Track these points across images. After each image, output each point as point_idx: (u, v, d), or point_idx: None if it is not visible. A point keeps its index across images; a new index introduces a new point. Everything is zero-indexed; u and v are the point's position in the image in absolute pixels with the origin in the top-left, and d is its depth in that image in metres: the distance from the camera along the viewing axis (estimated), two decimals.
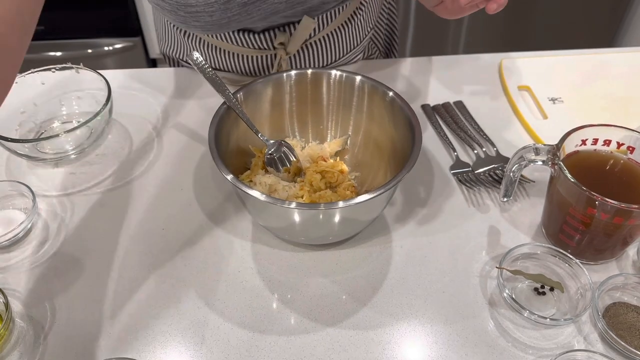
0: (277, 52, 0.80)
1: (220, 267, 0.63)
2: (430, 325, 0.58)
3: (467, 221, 0.68)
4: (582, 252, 0.62)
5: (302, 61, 0.83)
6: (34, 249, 0.65)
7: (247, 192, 0.55)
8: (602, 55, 0.93)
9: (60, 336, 0.57)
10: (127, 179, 0.73)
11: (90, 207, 0.70)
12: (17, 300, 0.60)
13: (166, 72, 0.90)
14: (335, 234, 0.62)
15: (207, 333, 0.57)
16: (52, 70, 0.78)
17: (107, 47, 1.87)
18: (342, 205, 0.55)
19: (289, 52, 0.80)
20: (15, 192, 0.69)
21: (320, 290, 0.61)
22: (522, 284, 0.61)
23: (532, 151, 0.61)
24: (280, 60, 0.80)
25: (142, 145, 0.78)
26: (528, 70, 0.89)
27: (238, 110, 0.65)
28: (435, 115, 0.82)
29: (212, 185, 0.72)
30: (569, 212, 0.59)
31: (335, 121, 0.73)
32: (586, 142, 0.62)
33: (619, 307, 0.58)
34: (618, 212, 0.55)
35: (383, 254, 0.65)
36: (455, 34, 1.89)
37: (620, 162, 0.62)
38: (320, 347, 0.56)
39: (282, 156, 0.68)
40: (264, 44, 0.79)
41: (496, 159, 0.75)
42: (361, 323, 0.58)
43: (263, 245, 0.65)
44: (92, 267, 0.63)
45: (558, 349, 0.56)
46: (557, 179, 0.60)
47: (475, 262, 0.64)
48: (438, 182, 0.73)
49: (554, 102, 0.83)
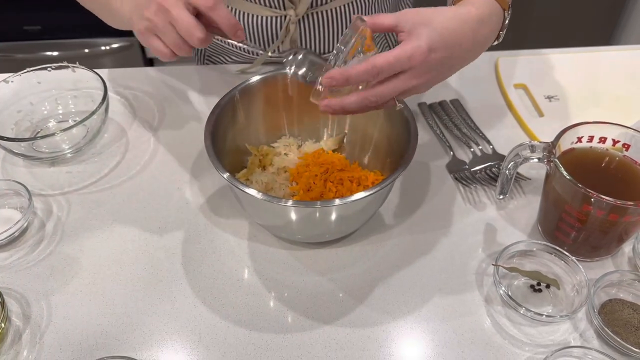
0: (287, 12, 0.80)
1: (217, 265, 0.63)
2: (427, 323, 0.58)
3: (464, 219, 0.68)
4: (578, 249, 0.62)
5: (311, 30, 0.83)
6: (30, 248, 0.65)
7: (244, 191, 0.55)
8: (599, 53, 0.93)
9: (56, 335, 0.57)
10: (123, 178, 0.73)
11: (87, 206, 0.69)
12: (13, 299, 0.60)
13: (162, 71, 0.90)
14: (331, 231, 0.62)
15: (203, 331, 0.57)
16: (48, 69, 0.78)
17: (104, 47, 1.87)
18: (338, 203, 0.55)
19: (298, 13, 0.80)
20: (11, 191, 0.68)
21: (317, 288, 0.61)
22: (519, 281, 0.61)
23: (528, 148, 0.61)
24: (288, 23, 0.81)
25: (138, 144, 0.78)
26: (524, 69, 0.89)
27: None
28: (432, 114, 0.82)
29: (209, 183, 0.72)
30: (564, 210, 0.59)
31: (331, 119, 0.73)
32: (582, 140, 0.62)
33: (615, 303, 0.58)
34: (614, 209, 0.55)
35: (379, 251, 0.65)
36: None
37: (616, 160, 0.62)
38: (317, 345, 0.56)
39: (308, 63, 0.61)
40: (274, 1, 0.80)
41: (492, 156, 0.75)
42: (358, 321, 0.58)
43: (260, 243, 0.65)
44: (88, 266, 0.63)
45: (554, 345, 0.56)
46: (553, 177, 0.60)
47: (472, 260, 0.64)
48: (434, 180, 0.73)
49: (550, 100, 0.84)
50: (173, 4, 0.56)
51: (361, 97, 0.53)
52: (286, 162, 0.70)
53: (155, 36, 0.60)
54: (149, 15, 0.58)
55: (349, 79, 0.51)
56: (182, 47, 0.59)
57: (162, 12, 0.57)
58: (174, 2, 0.56)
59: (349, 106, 0.53)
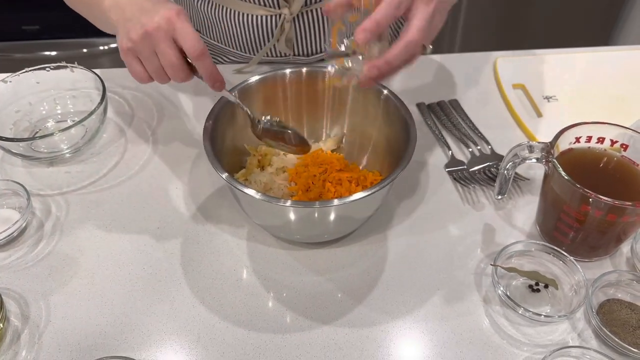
0: (282, 11, 0.80)
1: (216, 265, 0.63)
2: (425, 323, 0.58)
3: (462, 219, 0.68)
4: (576, 249, 0.62)
5: (306, 28, 0.83)
6: (29, 248, 0.65)
7: (243, 191, 0.55)
8: (597, 53, 0.93)
9: (55, 335, 0.57)
10: (122, 178, 0.73)
11: (85, 206, 0.69)
12: (11, 299, 0.60)
13: None
14: (330, 232, 0.62)
15: (202, 331, 0.57)
16: (46, 69, 0.78)
17: (103, 47, 1.86)
18: (337, 203, 0.55)
19: (292, 11, 0.80)
20: (10, 191, 0.68)
21: (316, 289, 0.61)
22: (517, 281, 0.61)
23: (526, 149, 0.61)
24: (283, 22, 0.81)
25: (137, 144, 0.78)
26: (523, 69, 0.89)
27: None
28: (430, 114, 0.82)
29: (207, 184, 0.72)
30: (563, 210, 0.59)
31: (330, 120, 0.74)
32: (580, 140, 0.62)
33: (613, 303, 0.58)
34: (612, 209, 0.55)
35: (378, 252, 0.65)
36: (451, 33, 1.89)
37: (614, 160, 0.62)
38: (316, 345, 0.56)
39: (278, 129, 0.66)
40: (269, 0, 0.80)
41: (491, 157, 0.75)
42: (356, 321, 0.58)
43: (258, 243, 0.65)
44: (87, 266, 0.63)
45: (552, 345, 0.56)
46: (551, 177, 0.60)
47: (470, 260, 0.64)
48: (433, 180, 0.73)
49: (549, 101, 0.84)
50: (162, 37, 0.56)
51: (402, 43, 0.53)
52: (285, 162, 0.70)
53: (137, 59, 0.60)
54: (135, 37, 0.57)
55: (378, 22, 0.52)
56: (163, 77, 0.60)
57: (148, 39, 0.57)
58: (163, 36, 0.56)
59: (395, 59, 0.53)
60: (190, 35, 0.56)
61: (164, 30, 0.56)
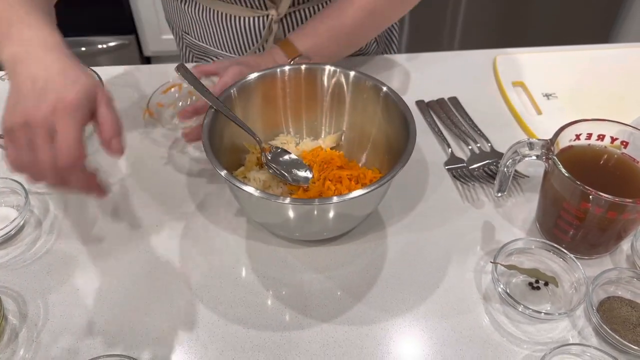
0: (269, 12, 0.80)
1: (215, 263, 0.63)
2: (425, 321, 0.58)
3: (462, 216, 0.68)
4: (576, 246, 0.62)
5: (294, 28, 0.83)
6: (27, 247, 0.64)
7: (241, 188, 0.55)
8: (597, 51, 0.93)
9: (53, 333, 0.57)
10: (120, 176, 0.73)
11: (83, 204, 0.69)
12: (9, 298, 0.59)
13: (159, 69, 0.89)
14: (329, 229, 0.62)
15: (201, 329, 0.57)
16: None
17: (101, 45, 1.87)
18: (336, 201, 0.55)
19: (280, 12, 0.80)
20: (8, 189, 0.68)
21: (315, 286, 0.61)
22: (517, 279, 0.61)
23: (526, 146, 0.61)
24: (271, 23, 0.80)
25: (135, 142, 0.77)
26: (522, 66, 0.89)
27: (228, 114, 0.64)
28: (430, 111, 0.82)
29: (206, 181, 0.72)
30: (563, 207, 0.59)
31: (329, 117, 0.73)
32: (580, 137, 0.62)
33: (613, 301, 0.58)
34: (612, 207, 0.55)
35: (377, 249, 0.64)
36: (450, 30, 1.89)
37: (614, 157, 0.62)
38: (315, 342, 0.56)
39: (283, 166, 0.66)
40: (255, 2, 0.79)
41: (490, 154, 0.75)
42: (356, 319, 0.58)
43: (257, 241, 0.65)
44: (85, 264, 0.63)
45: (553, 343, 0.56)
46: (551, 174, 0.60)
47: (470, 257, 0.64)
48: (432, 177, 0.73)
49: (548, 98, 0.83)
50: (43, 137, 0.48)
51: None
52: None
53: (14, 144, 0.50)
54: (16, 121, 0.49)
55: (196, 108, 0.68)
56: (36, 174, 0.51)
57: (27, 130, 0.48)
58: (44, 136, 0.48)
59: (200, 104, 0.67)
60: (68, 137, 0.48)
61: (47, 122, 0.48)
